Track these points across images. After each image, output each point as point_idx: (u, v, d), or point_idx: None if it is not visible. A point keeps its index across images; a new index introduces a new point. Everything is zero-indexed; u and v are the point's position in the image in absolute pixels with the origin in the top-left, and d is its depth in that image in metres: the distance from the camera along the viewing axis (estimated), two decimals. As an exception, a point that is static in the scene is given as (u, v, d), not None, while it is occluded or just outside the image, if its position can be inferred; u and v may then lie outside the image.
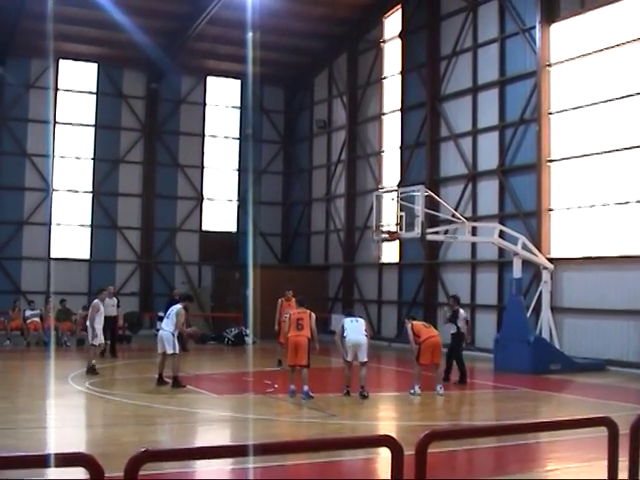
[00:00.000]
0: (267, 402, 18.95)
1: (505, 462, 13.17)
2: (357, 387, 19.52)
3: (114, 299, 29.74)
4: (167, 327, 21.05)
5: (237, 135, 44.73)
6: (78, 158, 41.12)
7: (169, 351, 20.79)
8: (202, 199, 43.62)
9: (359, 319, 20.53)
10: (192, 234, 43.37)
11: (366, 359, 19.92)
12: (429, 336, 20.80)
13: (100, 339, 23.91)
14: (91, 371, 22.91)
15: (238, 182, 44.53)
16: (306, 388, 19.14)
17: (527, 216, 30.56)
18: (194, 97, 43.73)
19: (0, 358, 29.69)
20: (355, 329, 20.08)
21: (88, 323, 23.97)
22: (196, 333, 23.61)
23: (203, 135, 43.95)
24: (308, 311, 20.15)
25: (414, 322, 21.39)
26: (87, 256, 40.94)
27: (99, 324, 23.89)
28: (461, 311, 23.56)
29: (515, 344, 26.09)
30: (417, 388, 20.45)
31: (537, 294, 27.94)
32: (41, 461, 5.48)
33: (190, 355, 30.55)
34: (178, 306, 21.53)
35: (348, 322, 20.31)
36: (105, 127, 41.53)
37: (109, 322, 29.11)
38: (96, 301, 24.48)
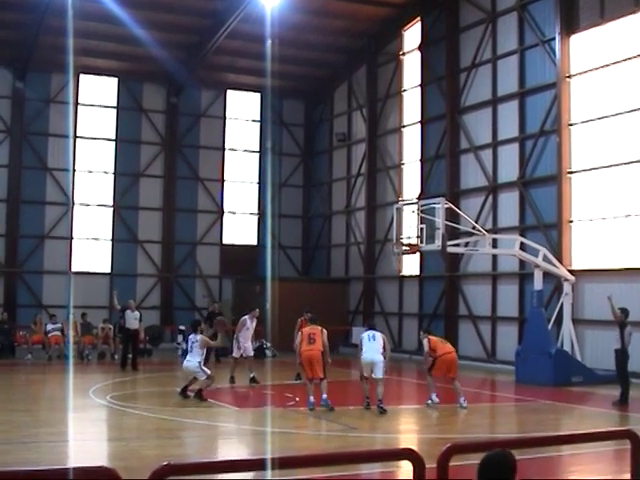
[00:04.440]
0: (288, 415, 18.95)
1: (527, 475, 13.02)
2: (376, 401, 19.48)
3: (136, 312, 30.00)
4: (192, 359, 21.10)
5: (257, 148, 44.78)
6: (99, 172, 41.26)
7: (201, 378, 20.96)
8: (222, 212, 43.66)
9: (377, 335, 20.48)
10: (213, 247, 43.41)
11: (381, 376, 19.93)
12: (445, 352, 20.81)
13: (243, 351, 25.42)
14: (253, 380, 24.75)
15: (258, 195, 44.56)
16: (325, 396, 19.36)
17: (548, 228, 30.45)
18: (214, 111, 43.83)
19: (22, 372, 29.85)
20: (371, 348, 20.12)
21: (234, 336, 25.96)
22: (223, 323, 24.75)
23: (223, 148, 44.01)
24: (320, 327, 20.47)
25: (431, 337, 21.33)
26: (108, 270, 41.05)
27: (243, 337, 25.53)
28: (628, 326, 22.30)
29: (536, 356, 26.00)
30: (434, 397, 20.45)
31: (558, 306, 27.84)
32: (63, 475, 5.49)
33: (211, 368, 30.54)
34: (198, 337, 21.51)
35: (366, 339, 20.37)
36: (125, 141, 41.66)
37: (130, 335, 29.29)
38: (244, 318, 25.85)
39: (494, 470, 5.72)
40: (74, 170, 40.16)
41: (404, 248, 28.35)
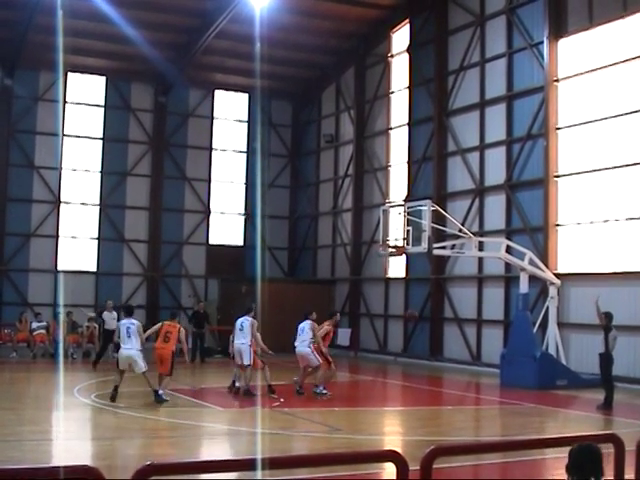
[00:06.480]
0: (273, 416, 18.93)
1: (510, 478, 13.12)
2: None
3: (114, 313, 30.09)
4: (132, 346, 20.74)
5: (244, 149, 44.75)
6: (86, 171, 41.17)
7: (139, 369, 20.81)
8: (209, 212, 43.62)
9: (245, 323, 22.24)
10: (199, 247, 43.36)
11: (247, 362, 21.77)
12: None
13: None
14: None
15: (245, 196, 44.55)
16: (161, 391, 20.30)
17: (534, 231, 30.51)
18: (202, 110, 43.78)
19: (6, 370, 29.74)
20: (238, 336, 22.21)
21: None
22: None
23: (211, 149, 43.97)
24: (178, 325, 21.32)
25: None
26: (94, 268, 40.95)
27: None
28: (613, 330, 22.10)
29: (521, 359, 26.04)
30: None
31: (544, 309, 27.88)
32: (46, 473, 5.48)
33: (196, 368, 30.55)
34: (136, 322, 21.19)
35: (237, 328, 22.35)
36: (113, 140, 41.57)
37: (109, 335, 29.25)
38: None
39: (588, 460, 6.10)
40: (61, 168, 40.11)
41: (390, 250, 28.36)
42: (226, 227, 44.27)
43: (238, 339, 22.25)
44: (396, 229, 28.05)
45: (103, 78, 41.69)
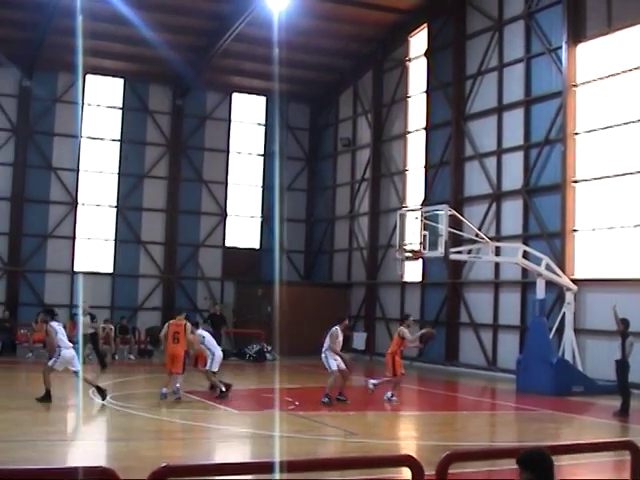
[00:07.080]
0: (288, 419, 18.91)
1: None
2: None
3: (87, 317, 30.51)
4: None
5: (262, 152, 44.76)
6: (103, 172, 41.27)
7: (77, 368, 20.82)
8: (226, 215, 43.65)
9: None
10: (215, 250, 43.40)
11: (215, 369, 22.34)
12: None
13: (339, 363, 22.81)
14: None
15: (262, 198, 44.57)
16: (177, 392, 20.96)
17: (551, 237, 30.43)
18: (219, 113, 43.83)
19: (22, 370, 29.84)
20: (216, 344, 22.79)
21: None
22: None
23: (228, 151, 44.00)
24: (184, 322, 21.84)
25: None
26: (110, 270, 41.04)
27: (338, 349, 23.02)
28: (630, 337, 22.07)
29: (538, 365, 25.96)
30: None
31: (560, 315, 27.78)
32: (62, 474, 5.49)
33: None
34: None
35: (208, 336, 22.75)
36: (130, 142, 41.65)
37: (88, 339, 29.71)
38: (336, 328, 22.09)
39: (546, 463, 6.17)
40: (79, 170, 40.24)
41: (407, 254, 28.33)
42: (242, 230, 44.29)
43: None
44: (413, 233, 28.02)
45: (121, 80, 41.80)
